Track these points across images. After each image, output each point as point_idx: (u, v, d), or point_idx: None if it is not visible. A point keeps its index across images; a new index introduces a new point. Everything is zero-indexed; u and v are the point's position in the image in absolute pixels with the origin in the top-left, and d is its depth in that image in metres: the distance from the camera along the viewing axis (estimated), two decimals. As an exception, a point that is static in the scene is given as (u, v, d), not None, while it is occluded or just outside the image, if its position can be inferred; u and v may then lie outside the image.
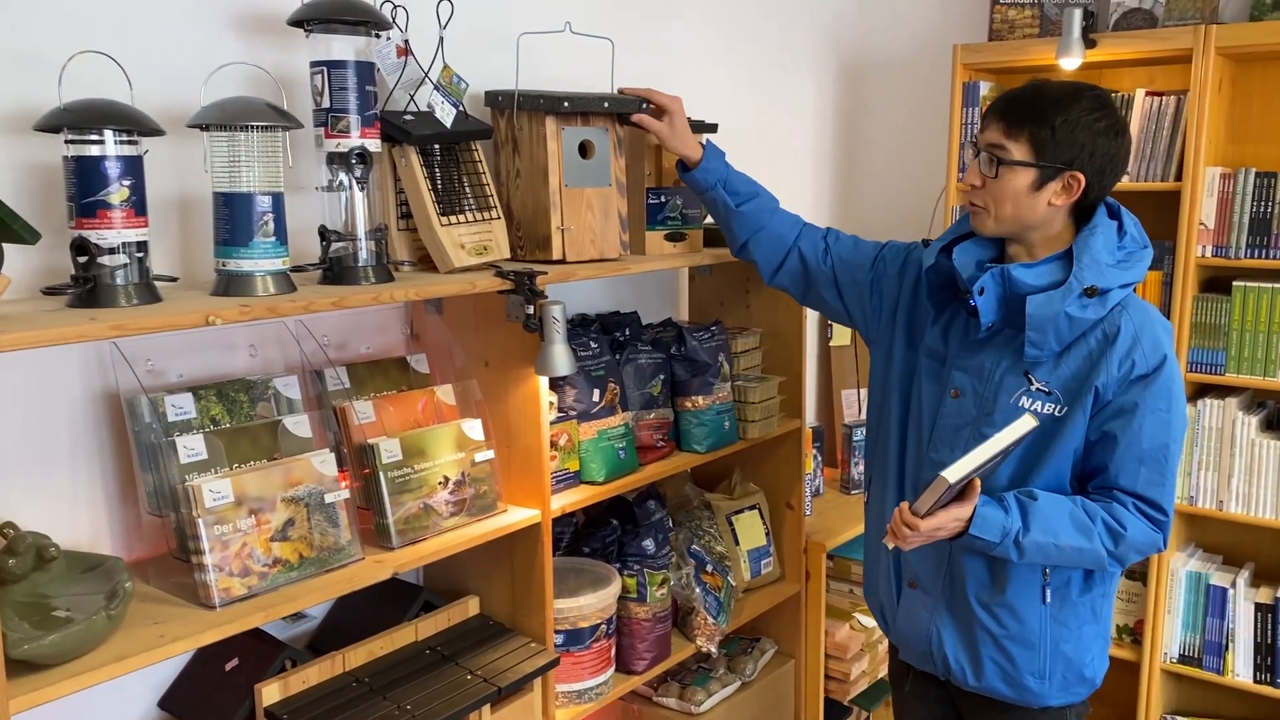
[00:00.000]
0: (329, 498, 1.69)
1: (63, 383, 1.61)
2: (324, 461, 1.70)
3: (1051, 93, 1.66)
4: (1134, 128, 2.74)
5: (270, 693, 1.67)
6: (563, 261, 2.00)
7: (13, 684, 1.29)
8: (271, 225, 1.57)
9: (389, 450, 1.80)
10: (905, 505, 1.59)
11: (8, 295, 1.45)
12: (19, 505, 1.56)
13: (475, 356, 2.01)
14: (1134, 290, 1.70)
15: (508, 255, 1.95)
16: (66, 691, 1.33)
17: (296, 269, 1.66)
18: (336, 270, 1.72)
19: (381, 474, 1.78)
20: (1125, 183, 2.72)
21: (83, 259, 1.44)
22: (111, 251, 1.45)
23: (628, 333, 2.31)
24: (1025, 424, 1.57)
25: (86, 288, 1.44)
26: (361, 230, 1.72)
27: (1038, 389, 1.67)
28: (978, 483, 1.59)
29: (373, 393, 1.92)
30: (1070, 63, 2.76)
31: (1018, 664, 1.76)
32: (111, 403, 1.66)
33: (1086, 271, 1.62)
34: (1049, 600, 1.73)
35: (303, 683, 1.72)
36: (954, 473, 1.52)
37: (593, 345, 2.14)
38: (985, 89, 2.97)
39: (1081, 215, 1.70)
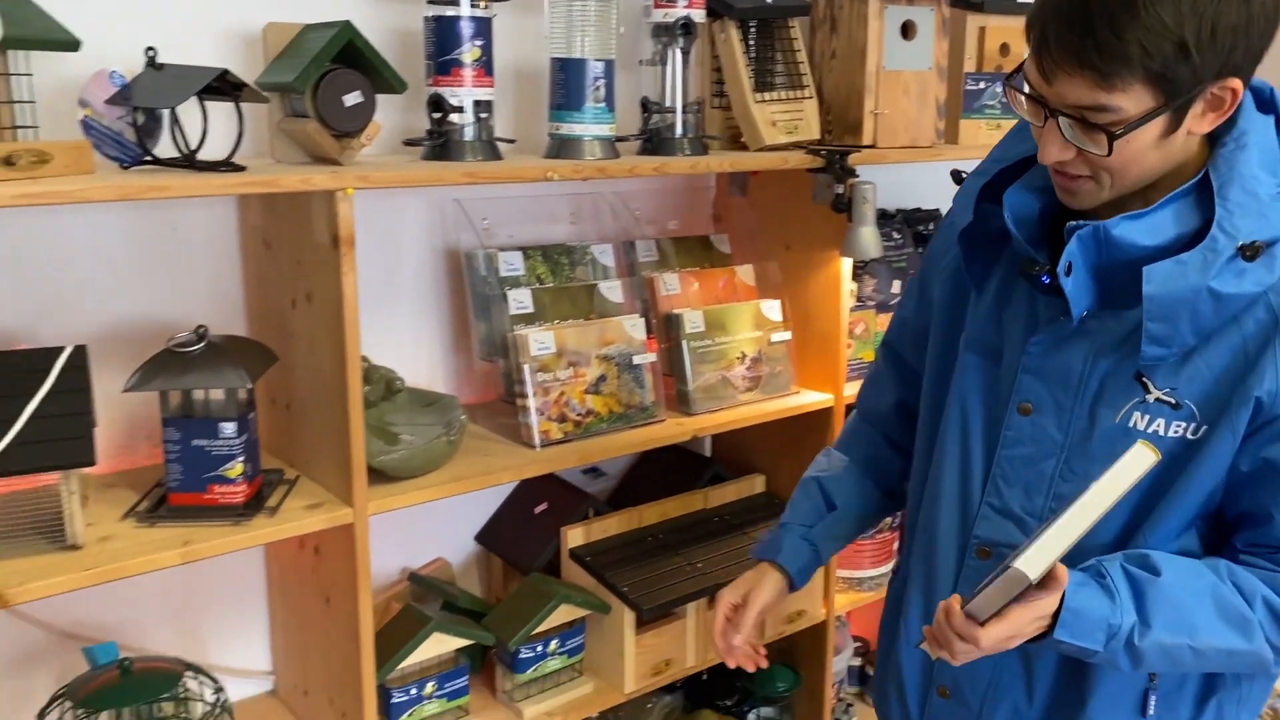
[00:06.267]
0: (637, 359, 1.77)
1: (412, 236, 1.77)
2: (634, 325, 1.79)
3: None
4: None
5: (575, 536, 1.80)
6: (873, 147, 1.96)
7: (370, 490, 1.45)
8: (603, 91, 1.64)
9: (693, 321, 1.86)
10: (955, 604, 1.05)
11: (371, 149, 1.60)
12: (371, 343, 1.73)
13: (776, 239, 2.02)
14: None
15: (817, 137, 1.93)
16: (413, 501, 1.49)
17: (618, 139, 1.73)
18: (655, 142, 1.77)
19: (685, 343, 1.84)
20: None
21: (437, 115, 1.57)
22: (461, 110, 1.57)
23: (931, 227, 2.24)
24: (1141, 460, 1.01)
25: (439, 142, 1.57)
26: (681, 103, 1.77)
27: (1158, 399, 1.08)
28: (1060, 566, 1.03)
29: (678, 267, 1.98)
30: None
31: None
32: (451, 258, 1.81)
33: (1239, 216, 1.02)
34: (1152, 712, 1.16)
35: (603, 531, 1.83)
36: (1034, 563, 0.99)
37: (895, 235, 2.10)
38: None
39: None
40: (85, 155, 1.25)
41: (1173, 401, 1.08)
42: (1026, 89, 1.03)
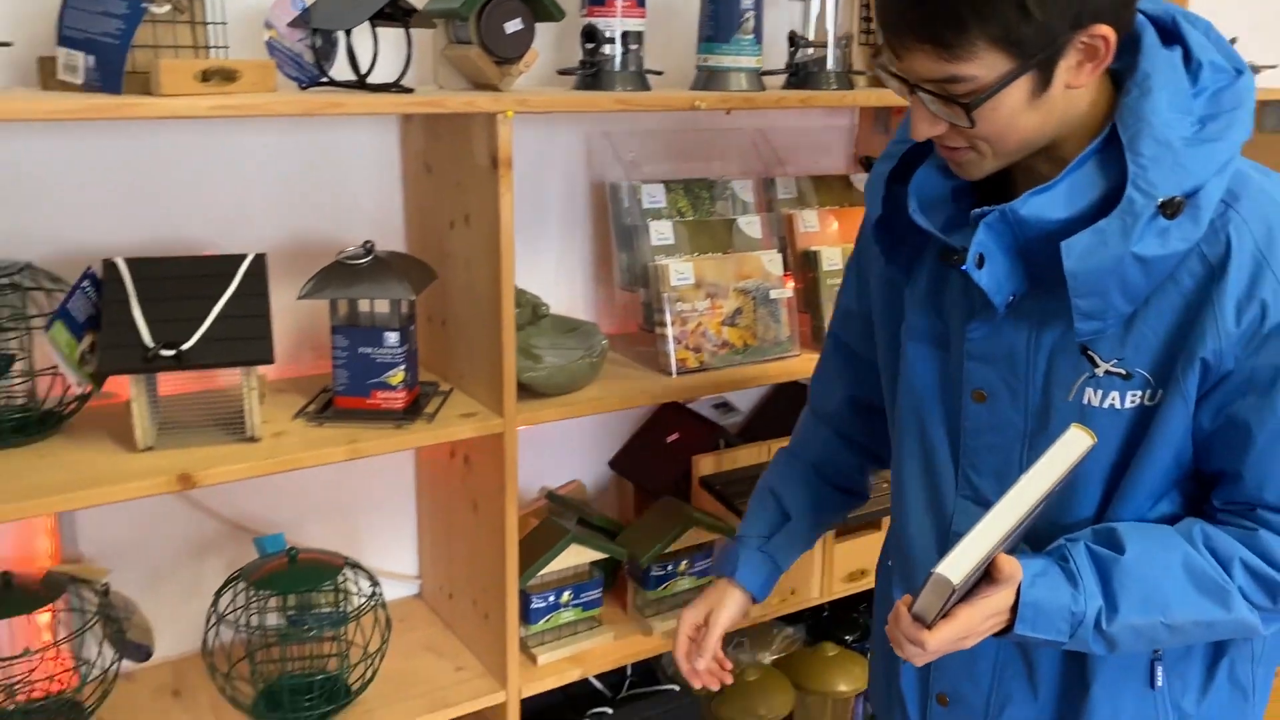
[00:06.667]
0: (773, 294, 1.79)
1: (560, 168, 1.83)
2: (771, 260, 1.80)
3: None
4: None
5: (706, 464, 1.84)
6: (1022, 86, 1.93)
7: (518, 404, 1.52)
8: (751, 23, 1.65)
9: (830, 259, 1.87)
10: (903, 606, 1.02)
11: (525, 79, 1.65)
12: (518, 270, 1.80)
13: (918, 180, 2.01)
14: (1238, 157, 1.00)
15: (965, 76, 1.91)
16: (557, 416, 1.56)
17: (764, 73, 1.74)
18: (801, 76, 1.78)
19: (821, 280, 1.85)
20: None
21: (590, 45, 1.61)
22: (611, 41, 1.60)
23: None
24: (1075, 445, 0.98)
25: (591, 72, 1.61)
26: (830, 37, 1.77)
27: (1108, 372, 1.04)
28: (1005, 560, 0.99)
29: (817, 205, 1.99)
30: None
31: None
32: (596, 192, 1.86)
33: (1154, 170, 0.95)
34: (1160, 683, 1.12)
35: (733, 461, 1.87)
36: (957, 566, 0.94)
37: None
38: None
39: (1121, 56, 0.99)
40: (269, 74, 1.34)
41: (1123, 372, 1.03)
42: (895, 75, 1.00)
